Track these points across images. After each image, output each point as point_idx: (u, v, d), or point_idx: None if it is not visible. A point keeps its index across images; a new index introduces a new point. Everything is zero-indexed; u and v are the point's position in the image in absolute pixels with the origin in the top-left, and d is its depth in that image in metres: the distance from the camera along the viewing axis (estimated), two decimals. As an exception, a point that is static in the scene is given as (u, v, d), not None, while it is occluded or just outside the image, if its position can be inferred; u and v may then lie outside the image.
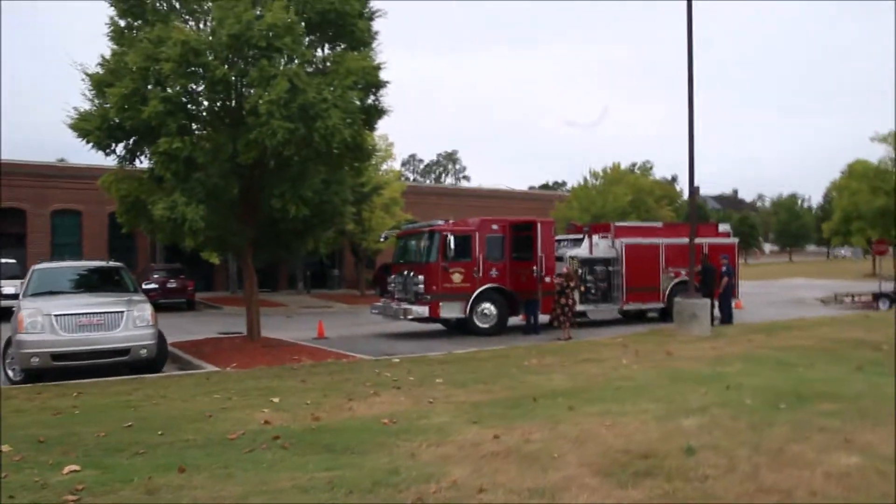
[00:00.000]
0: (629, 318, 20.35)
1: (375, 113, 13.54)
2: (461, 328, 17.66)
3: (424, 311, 16.99)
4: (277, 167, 13.27)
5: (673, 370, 9.63)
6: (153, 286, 25.37)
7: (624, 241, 19.57)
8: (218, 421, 7.12)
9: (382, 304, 19.05)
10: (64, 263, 13.31)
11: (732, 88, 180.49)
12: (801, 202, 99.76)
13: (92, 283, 12.60)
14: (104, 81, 12.55)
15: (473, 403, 7.61)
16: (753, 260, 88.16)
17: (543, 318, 17.48)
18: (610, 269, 19.48)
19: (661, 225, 22.54)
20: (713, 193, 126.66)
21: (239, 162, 12.37)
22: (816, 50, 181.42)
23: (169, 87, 11.84)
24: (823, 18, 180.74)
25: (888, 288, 25.79)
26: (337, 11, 12.40)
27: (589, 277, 19.14)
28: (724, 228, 22.11)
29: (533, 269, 17.33)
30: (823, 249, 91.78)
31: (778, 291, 33.12)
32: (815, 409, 6.77)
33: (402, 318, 17.36)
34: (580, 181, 42.86)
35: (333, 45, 13.52)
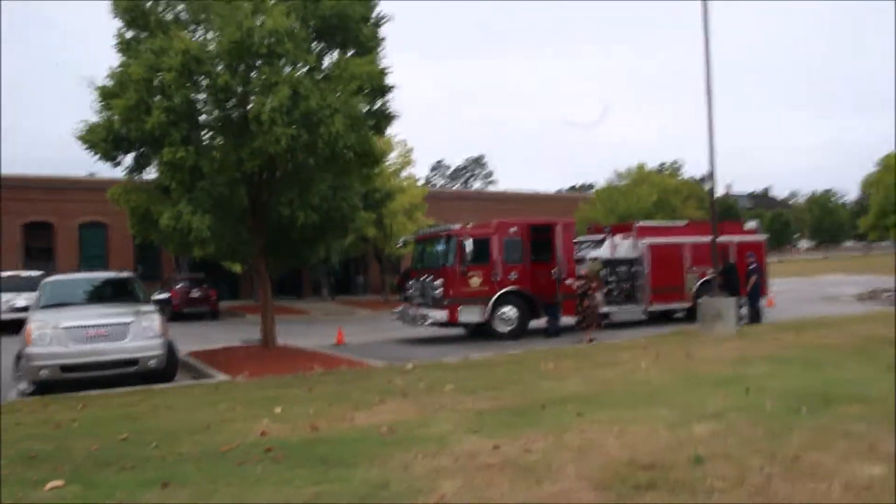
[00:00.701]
0: (655, 319, 19.85)
1: (383, 118, 13.36)
2: (482, 333, 17.36)
3: (443, 315, 16.73)
4: (285, 175, 13.14)
5: (692, 373, 9.23)
6: (164, 296, 25.42)
7: (647, 241, 19.13)
8: (216, 433, 6.95)
9: (402, 309, 18.84)
10: (75, 276, 13.37)
11: (766, 85, 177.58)
12: (835, 198, 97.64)
13: (103, 294, 12.60)
14: (111, 93, 12.55)
15: (479, 411, 7.32)
16: (789, 257, 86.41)
17: (567, 320, 17.13)
18: (633, 269, 19.04)
19: (684, 224, 22.00)
20: (745, 191, 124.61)
21: (245, 170, 12.25)
22: (846, 43, 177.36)
23: (172, 96, 11.75)
24: (857, 11, 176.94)
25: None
26: (340, 16, 12.26)
27: (611, 279, 18.73)
28: (750, 226, 21.53)
29: (553, 271, 16.99)
30: (860, 245, 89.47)
31: (812, 288, 32.20)
32: (839, 412, 6.35)
33: (420, 323, 17.13)
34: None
35: (339, 51, 13.36)
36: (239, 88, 12.22)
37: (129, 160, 13.19)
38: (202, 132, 13.40)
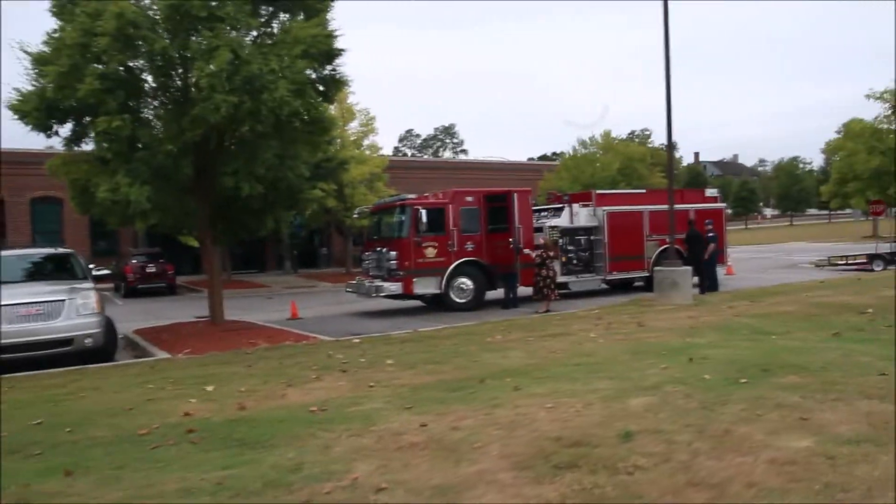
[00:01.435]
0: (615, 288, 19.80)
1: (333, 84, 12.88)
2: (440, 304, 17.15)
3: (398, 287, 16.47)
4: (231, 144, 12.66)
5: (640, 343, 9.08)
6: (105, 272, 24.35)
7: (606, 209, 18.97)
8: (137, 414, 6.64)
9: (356, 281, 18.52)
10: (11, 252, 12.77)
11: (734, 54, 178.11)
12: (802, 166, 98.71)
13: (40, 271, 12.08)
14: (45, 59, 11.92)
15: (414, 387, 7.09)
16: (754, 224, 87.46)
17: (524, 290, 16.97)
18: (592, 238, 18.89)
19: (644, 191, 21.87)
20: (713, 159, 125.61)
21: (186, 140, 11.75)
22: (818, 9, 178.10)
23: (107, 62, 11.18)
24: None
25: (884, 249, 25.11)
26: (283, -24, 11.73)
27: (570, 248, 18.57)
28: (711, 193, 21.48)
29: (510, 241, 16.77)
30: (825, 213, 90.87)
31: (773, 256, 32.54)
32: (777, 382, 6.22)
33: (374, 295, 16.86)
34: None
35: (286, 14, 12.83)
36: (177, 54, 11.68)
37: (66, 131, 12.59)
38: (143, 101, 12.85)
